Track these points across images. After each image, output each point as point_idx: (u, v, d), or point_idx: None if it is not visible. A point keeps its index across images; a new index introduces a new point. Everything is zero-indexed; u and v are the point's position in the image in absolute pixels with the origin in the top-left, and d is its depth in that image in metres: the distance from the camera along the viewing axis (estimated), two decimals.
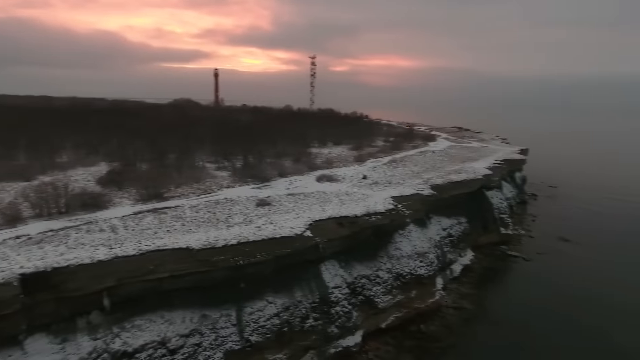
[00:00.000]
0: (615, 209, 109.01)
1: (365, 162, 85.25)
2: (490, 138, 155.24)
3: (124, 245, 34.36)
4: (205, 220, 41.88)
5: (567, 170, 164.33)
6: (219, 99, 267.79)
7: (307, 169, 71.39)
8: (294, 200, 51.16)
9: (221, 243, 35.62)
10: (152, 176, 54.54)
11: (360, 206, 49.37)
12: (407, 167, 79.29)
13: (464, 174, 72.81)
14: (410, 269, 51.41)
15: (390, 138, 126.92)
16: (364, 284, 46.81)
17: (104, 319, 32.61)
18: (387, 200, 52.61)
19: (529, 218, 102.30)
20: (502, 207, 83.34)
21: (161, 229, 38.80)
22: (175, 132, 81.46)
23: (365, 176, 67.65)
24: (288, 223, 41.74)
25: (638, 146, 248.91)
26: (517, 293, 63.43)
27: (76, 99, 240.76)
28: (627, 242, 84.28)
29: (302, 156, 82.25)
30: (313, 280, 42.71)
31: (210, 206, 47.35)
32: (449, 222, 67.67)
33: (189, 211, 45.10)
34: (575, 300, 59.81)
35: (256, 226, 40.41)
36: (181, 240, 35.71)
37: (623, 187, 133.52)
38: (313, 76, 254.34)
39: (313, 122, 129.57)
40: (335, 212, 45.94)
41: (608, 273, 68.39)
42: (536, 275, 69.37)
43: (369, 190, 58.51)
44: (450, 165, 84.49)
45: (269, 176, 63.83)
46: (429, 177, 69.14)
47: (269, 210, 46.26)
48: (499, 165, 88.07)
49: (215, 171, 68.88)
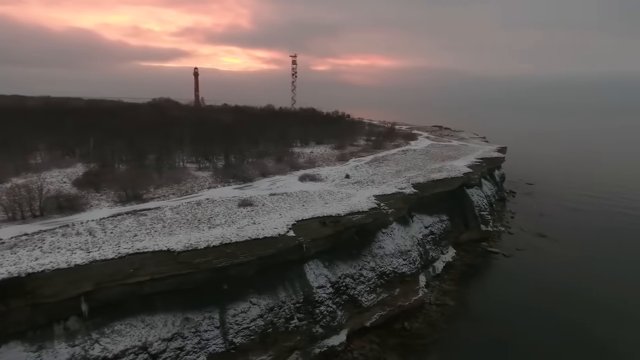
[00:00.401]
0: (590, 206, 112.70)
1: (347, 161, 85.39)
2: (470, 137, 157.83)
3: (102, 249, 33.39)
4: (186, 222, 41.12)
5: (544, 168, 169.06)
6: (199, 98, 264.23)
7: (289, 169, 71.01)
8: (276, 200, 50.78)
9: (203, 245, 34.99)
10: (130, 177, 53.25)
11: (343, 205, 49.32)
12: (389, 166, 79.76)
13: (445, 173, 73.68)
14: (394, 268, 51.70)
15: (372, 137, 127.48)
16: (348, 283, 46.84)
17: (82, 324, 31.69)
18: (370, 200, 52.72)
19: (508, 215, 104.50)
20: (482, 205, 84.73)
21: (141, 231, 37.89)
22: (154, 132, 79.82)
23: (347, 175, 67.76)
24: (271, 223, 41.36)
25: (613, 145, 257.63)
26: (497, 289, 64.59)
27: (50, 99, 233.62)
28: (602, 238, 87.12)
29: (285, 156, 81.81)
30: (297, 281, 42.50)
31: (192, 207, 46.55)
32: (431, 220, 68.44)
33: (170, 212, 44.23)
34: (553, 295, 61.41)
35: (239, 227, 39.89)
36: (162, 243, 34.94)
37: (598, 184, 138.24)
38: (294, 75, 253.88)
39: (295, 122, 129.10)
40: (319, 212, 45.77)
41: (585, 269, 70.46)
42: (516, 272, 70.81)
43: (351, 190, 58.58)
44: (432, 163, 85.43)
45: (251, 176, 63.24)
46: (411, 176, 69.70)
47: (251, 211, 45.77)
48: (478, 163, 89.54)
49: (197, 172, 67.79)
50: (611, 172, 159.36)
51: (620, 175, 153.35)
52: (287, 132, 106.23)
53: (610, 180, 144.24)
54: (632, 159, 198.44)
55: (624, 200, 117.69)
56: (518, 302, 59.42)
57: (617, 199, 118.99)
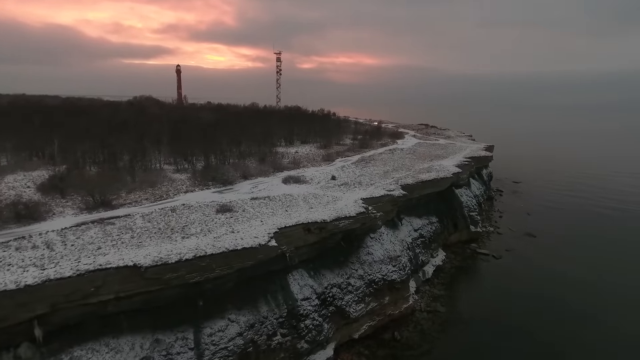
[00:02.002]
0: (575, 205, 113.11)
1: (333, 161, 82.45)
2: (457, 135, 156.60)
3: (60, 265, 29.70)
4: (158, 231, 37.56)
5: (529, 166, 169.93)
6: (182, 96, 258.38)
7: (272, 170, 67.64)
8: (258, 205, 47.48)
9: (174, 258, 31.56)
10: (99, 181, 49.22)
11: (329, 210, 46.33)
12: (377, 166, 77.10)
13: (434, 173, 71.33)
14: (383, 275, 48.98)
15: (358, 136, 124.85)
16: (335, 293, 43.91)
17: (35, 351, 28.03)
18: (357, 203, 49.85)
19: (496, 214, 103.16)
20: (471, 205, 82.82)
21: (106, 243, 34.24)
22: (129, 132, 75.51)
23: (334, 177, 64.77)
24: (251, 231, 38.12)
25: (595, 144, 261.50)
26: (488, 293, 62.60)
27: (25, 97, 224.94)
28: (588, 238, 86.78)
29: (268, 156, 78.45)
30: (280, 293, 39.38)
31: (165, 214, 42.95)
32: (420, 223, 65.99)
33: (141, 221, 40.58)
34: (544, 298, 60.09)
35: (215, 236, 36.53)
36: (128, 257, 31.39)
37: (580, 183, 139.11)
38: (279, 73, 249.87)
39: (280, 120, 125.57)
40: (303, 218, 42.67)
41: (574, 270, 69.38)
42: (506, 274, 69.06)
43: (338, 192, 55.64)
44: (420, 163, 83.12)
45: (232, 179, 59.68)
46: (399, 177, 67.12)
47: (230, 218, 42.41)
48: (467, 162, 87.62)
49: (174, 174, 63.93)
50: (591, 172, 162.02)
51: (594, 173, 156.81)
52: (271, 131, 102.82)
53: (590, 179, 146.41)
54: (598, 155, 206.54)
55: (603, 199, 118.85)
56: (510, 305, 58.01)
57: (596, 197, 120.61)
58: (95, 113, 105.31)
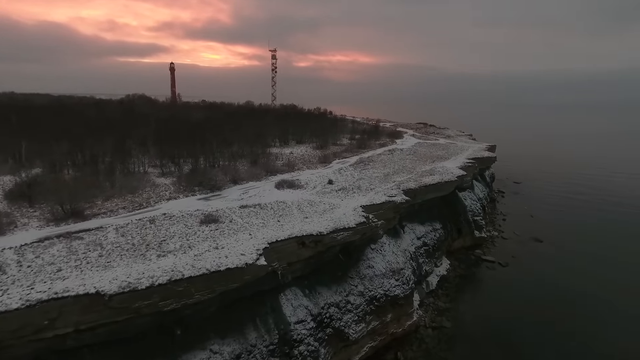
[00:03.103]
0: (578, 207, 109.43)
1: (330, 163, 77.95)
2: (456, 134, 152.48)
3: (8, 293, 25.10)
4: (131, 248, 32.97)
5: (528, 166, 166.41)
6: (176, 94, 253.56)
7: (265, 174, 63.01)
8: (247, 215, 42.92)
9: (145, 283, 27.02)
10: (72, 188, 44.49)
11: (326, 220, 41.86)
12: (376, 169, 72.69)
13: (437, 176, 66.96)
14: (385, 290, 44.60)
15: (356, 135, 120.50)
16: (333, 313, 39.48)
17: None
18: (357, 211, 45.40)
19: (499, 217, 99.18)
20: (475, 209, 78.64)
21: (68, 264, 29.64)
22: (112, 132, 70.72)
23: (331, 181, 60.26)
24: (237, 247, 33.60)
25: (592, 144, 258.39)
26: (496, 304, 58.42)
27: (12, 95, 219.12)
28: (594, 241, 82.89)
29: (260, 158, 73.81)
30: (271, 316, 34.92)
31: (143, 226, 38.34)
32: (424, 230, 61.67)
33: (113, 234, 35.98)
34: (557, 308, 56.33)
35: (196, 254, 31.99)
36: (91, 281, 26.84)
37: (580, 184, 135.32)
38: (274, 71, 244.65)
39: (274, 119, 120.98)
40: (297, 230, 38.19)
41: (584, 277, 65.75)
42: (514, 283, 65.01)
43: (335, 199, 51.17)
44: (421, 165, 78.78)
45: (220, 183, 55.03)
46: (401, 180, 62.71)
47: (215, 230, 37.86)
48: (470, 164, 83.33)
49: (158, 178, 59.26)
50: (583, 168, 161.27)
51: (592, 173, 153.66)
52: (265, 131, 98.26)
53: (586, 178, 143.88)
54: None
55: (604, 200, 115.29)
56: (520, 318, 54.11)
57: (597, 198, 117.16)
58: (79, 112, 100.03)
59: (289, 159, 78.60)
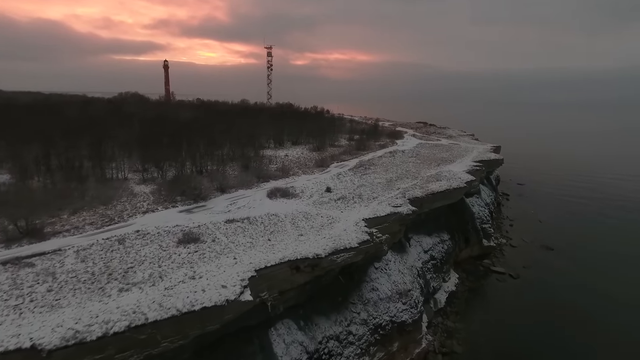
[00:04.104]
0: (586, 210, 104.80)
1: (328, 167, 72.35)
2: (458, 134, 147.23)
3: None
4: (89, 279, 27.32)
5: (531, 166, 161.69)
6: (170, 92, 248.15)
7: (256, 180, 57.34)
8: (233, 232, 37.30)
9: (98, 331, 21.41)
10: (39, 198, 38.77)
11: (324, 238, 36.33)
12: (378, 173, 67.20)
13: (444, 182, 61.57)
14: (391, 316, 39.21)
15: (354, 136, 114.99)
16: (332, 348, 34.03)
17: None
18: (359, 226, 39.88)
19: (506, 222, 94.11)
20: (483, 216, 73.43)
21: (7, 302, 23.90)
22: (93, 133, 64.76)
23: (329, 188, 54.65)
24: (219, 276, 28.02)
25: (592, 143, 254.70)
26: (510, 324, 53.23)
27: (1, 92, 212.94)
28: (605, 249, 78.05)
29: (253, 161, 68.12)
30: (259, 356, 29.41)
31: (109, 248, 32.67)
32: (431, 242, 56.29)
33: (72, 260, 30.31)
34: (576, 328, 51.35)
35: (168, 286, 26.40)
36: (28, 330, 21.23)
37: (586, 187, 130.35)
38: (270, 68, 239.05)
39: (269, 119, 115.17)
40: (290, 252, 32.63)
41: (601, 290, 60.95)
42: (527, 298, 60.00)
43: (334, 210, 45.62)
44: (426, 169, 73.39)
45: (206, 192, 49.29)
46: (406, 187, 57.25)
47: (194, 252, 32.24)
48: (478, 167, 77.92)
49: (139, 185, 53.54)
50: (585, 169, 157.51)
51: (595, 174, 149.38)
52: (258, 131, 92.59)
53: (590, 180, 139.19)
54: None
55: (612, 204, 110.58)
56: (534, 339, 49.13)
57: (606, 201, 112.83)
58: (58, 111, 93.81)
59: (284, 162, 73.05)
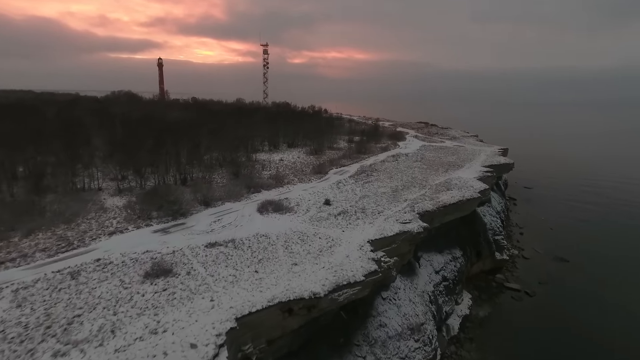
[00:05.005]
0: (596, 217, 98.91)
1: (326, 173, 66.08)
2: (462, 135, 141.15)
3: None
4: (18, 336, 21.02)
5: (534, 168, 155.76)
6: (164, 91, 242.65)
7: (246, 191, 51.03)
8: (214, 260, 31.04)
9: None
10: None
11: (323, 269, 30.15)
12: (381, 181, 61.05)
13: (455, 191, 55.50)
14: (402, 358, 33.08)
15: (354, 137, 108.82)
16: None
17: None
18: (364, 251, 33.73)
19: (516, 230, 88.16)
20: (495, 226, 67.44)
21: None
22: (68, 137, 58.34)
23: (328, 200, 48.34)
24: (188, 329, 21.81)
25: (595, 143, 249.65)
26: (530, 350, 47.50)
27: None
28: (624, 261, 72.21)
29: (244, 167, 61.86)
30: None
31: (57, 285, 26.39)
32: (442, 260, 50.19)
33: (5, 304, 23.99)
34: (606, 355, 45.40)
35: (119, 347, 20.17)
36: None
37: (595, 192, 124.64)
38: (266, 67, 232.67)
39: (264, 119, 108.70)
40: (281, 289, 26.43)
41: (625, 306, 55.27)
42: (547, 319, 53.95)
43: (335, 229, 39.43)
44: (433, 175, 67.28)
45: (187, 207, 42.93)
46: (414, 199, 51.13)
47: (162, 291, 25.96)
48: (489, 173, 71.89)
49: (112, 197, 47.19)
50: (591, 170, 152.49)
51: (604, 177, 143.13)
52: (252, 133, 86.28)
53: (599, 184, 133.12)
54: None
55: (619, 209, 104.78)
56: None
57: (618, 206, 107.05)
58: (36, 112, 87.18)
59: (278, 168, 66.81)
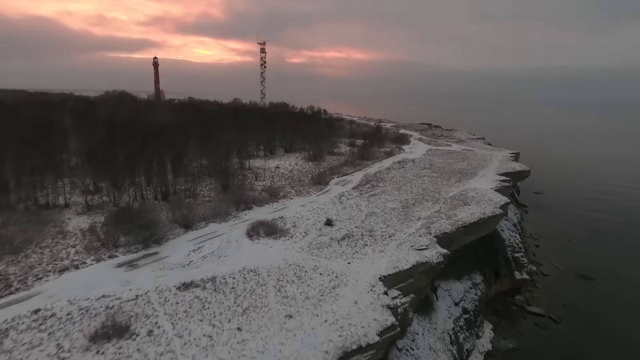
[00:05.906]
0: (616, 226, 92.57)
1: (327, 184, 59.22)
2: (468, 138, 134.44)
3: None
4: None
5: (543, 171, 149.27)
6: (160, 91, 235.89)
7: (235, 208, 44.14)
8: (185, 312, 24.19)
9: None
10: None
11: (325, 323, 23.39)
12: (389, 194, 54.29)
13: (474, 206, 48.82)
14: None
15: (356, 141, 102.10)
16: None
17: None
18: (375, 293, 26.96)
19: (531, 242, 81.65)
20: (514, 242, 60.93)
21: None
22: (38, 143, 51.42)
23: (329, 220, 41.39)
24: None
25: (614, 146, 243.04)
26: None
27: None
28: None
29: (235, 177, 55.05)
30: None
31: None
32: (462, 288, 43.50)
33: None
34: None
35: None
36: None
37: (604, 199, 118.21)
38: (263, 66, 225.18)
39: (261, 121, 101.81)
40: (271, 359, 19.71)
41: None
42: (575, 349, 47.51)
43: (338, 260, 32.62)
44: (446, 186, 60.55)
45: (162, 231, 36.06)
46: (428, 216, 44.40)
47: None
48: (507, 183, 65.21)
49: (78, 217, 40.31)
50: (599, 174, 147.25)
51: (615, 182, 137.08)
52: (247, 136, 79.55)
53: (610, 190, 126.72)
54: None
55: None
56: None
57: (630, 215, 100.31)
58: (17, 112, 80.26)
59: (273, 177, 60.04)
